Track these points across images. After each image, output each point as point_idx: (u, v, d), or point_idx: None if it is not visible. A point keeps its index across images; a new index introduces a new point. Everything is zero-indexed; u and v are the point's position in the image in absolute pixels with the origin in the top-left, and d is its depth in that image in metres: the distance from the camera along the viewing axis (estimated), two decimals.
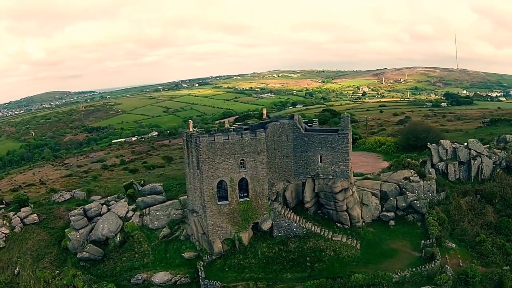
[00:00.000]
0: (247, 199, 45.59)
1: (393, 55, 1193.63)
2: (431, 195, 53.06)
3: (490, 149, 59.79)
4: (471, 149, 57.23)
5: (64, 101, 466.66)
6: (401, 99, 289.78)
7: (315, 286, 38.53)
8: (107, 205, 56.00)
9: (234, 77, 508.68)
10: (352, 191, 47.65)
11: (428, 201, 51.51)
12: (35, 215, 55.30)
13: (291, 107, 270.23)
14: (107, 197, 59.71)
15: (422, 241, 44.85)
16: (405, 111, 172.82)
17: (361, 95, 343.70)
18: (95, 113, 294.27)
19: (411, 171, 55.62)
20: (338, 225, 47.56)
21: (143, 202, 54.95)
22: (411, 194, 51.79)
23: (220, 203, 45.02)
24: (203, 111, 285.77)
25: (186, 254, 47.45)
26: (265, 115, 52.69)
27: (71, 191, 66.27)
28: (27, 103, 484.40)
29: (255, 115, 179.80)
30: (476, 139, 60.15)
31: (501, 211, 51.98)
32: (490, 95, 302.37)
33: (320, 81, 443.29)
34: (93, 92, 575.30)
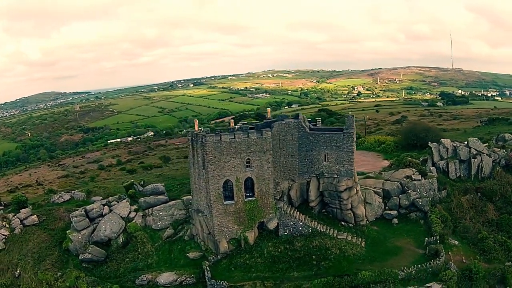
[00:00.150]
0: (253, 198, 45.74)
1: (389, 55, 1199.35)
2: (432, 193, 53.70)
3: (489, 147, 60.60)
4: (471, 147, 58.00)
5: (59, 101, 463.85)
6: (397, 99, 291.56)
7: (323, 284, 38.85)
8: (108, 206, 55.72)
9: (229, 77, 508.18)
10: (356, 190, 48.16)
11: (430, 199, 52.21)
12: (35, 216, 54.80)
13: (286, 107, 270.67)
14: (108, 198, 59.43)
15: (426, 239, 45.49)
16: (401, 110, 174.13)
17: (356, 95, 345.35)
18: (90, 113, 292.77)
19: (413, 169, 56.16)
20: (342, 223, 48.00)
21: (146, 202, 54.75)
22: (413, 192, 52.40)
23: (226, 203, 45.10)
24: (198, 111, 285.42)
25: (191, 254, 47.40)
26: (269, 115, 52.93)
27: (70, 192, 65.91)
28: (23, 104, 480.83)
29: (250, 115, 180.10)
30: (476, 138, 60.93)
31: (501, 208, 52.70)
32: (485, 94, 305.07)
33: (315, 81, 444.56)
34: (88, 92, 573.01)
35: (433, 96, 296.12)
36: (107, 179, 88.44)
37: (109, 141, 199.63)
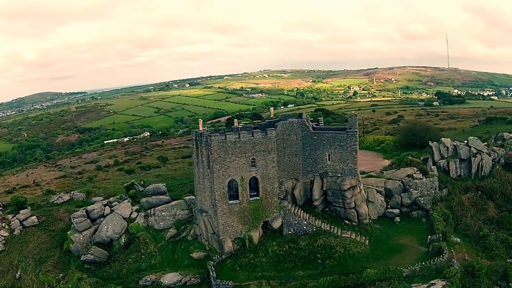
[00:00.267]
0: (258, 198, 45.84)
1: (385, 55, 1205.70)
2: (433, 192, 54.32)
3: (488, 146, 61.27)
4: (471, 146, 58.68)
5: (55, 102, 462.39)
6: (393, 99, 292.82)
7: (328, 282, 39.10)
8: (109, 206, 55.48)
9: (225, 77, 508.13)
10: (360, 189, 48.55)
11: (431, 197, 52.76)
12: (35, 217, 54.42)
13: (282, 107, 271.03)
14: (109, 198, 59.17)
15: (428, 236, 46.00)
16: (398, 110, 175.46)
17: (352, 94, 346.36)
18: (86, 114, 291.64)
19: (414, 168, 56.72)
20: (346, 222, 48.32)
21: (148, 202, 54.59)
22: (415, 191, 52.95)
23: (230, 202, 45.17)
24: (194, 112, 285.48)
25: (195, 254, 47.33)
26: (272, 114, 53.17)
27: (69, 192, 65.56)
28: (19, 104, 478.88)
29: (247, 115, 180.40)
30: (475, 137, 61.60)
31: (502, 206, 53.42)
32: (482, 94, 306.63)
33: (311, 80, 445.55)
34: (84, 92, 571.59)
35: (429, 95, 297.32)
36: (106, 180, 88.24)
37: (105, 142, 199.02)
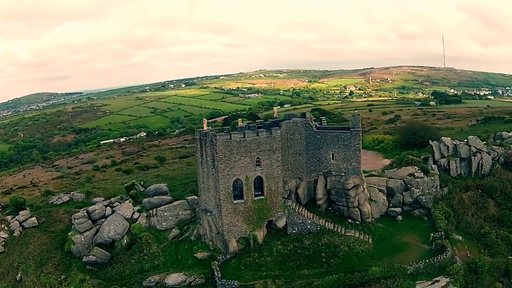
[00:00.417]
0: (262, 197, 46.01)
1: (380, 55, 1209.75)
2: (434, 190, 54.94)
3: (488, 145, 62.00)
4: (471, 145, 59.38)
5: (51, 102, 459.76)
6: (389, 98, 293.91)
7: (334, 281, 39.41)
8: (111, 207, 55.40)
9: (220, 77, 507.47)
10: (363, 188, 48.96)
11: (432, 196, 53.28)
12: (34, 218, 54.13)
13: (278, 107, 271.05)
14: (110, 199, 59.05)
15: (431, 234, 46.52)
16: (394, 110, 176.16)
17: (348, 94, 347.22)
18: (82, 114, 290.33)
19: (415, 167, 57.33)
20: (349, 221, 48.69)
21: (150, 203, 54.53)
22: (416, 190, 53.48)
23: (235, 202, 45.25)
24: (190, 112, 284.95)
25: (199, 254, 47.31)
26: (276, 114, 53.43)
27: (69, 193, 65.34)
28: (15, 105, 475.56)
29: (243, 115, 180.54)
30: (475, 136, 62.33)
31: (502, 204, 54.13)
32: (478, 93, 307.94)
33: (306, 80, 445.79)
34: (80, 93, 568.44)
35: (425, 95, 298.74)
36: (104, 180, 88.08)
37: (101, 142, 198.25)
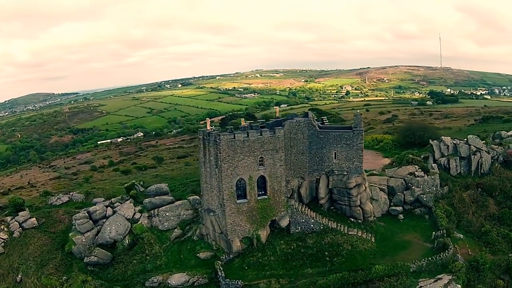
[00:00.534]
0: (265, 196, 46.14)
1: (377, 54, 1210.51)
2: (435, 189, 55.39)
3: (487, 145, 62.55)
4: (471, 145, 59.92)
5: (48, 102, 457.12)
6: (386, 98, 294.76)
7: (338, 279, 39.68)
8: (111, 207, 55.33)
9: (217, 77, 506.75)
10: (365, 187, 49.26)
11: (433, 195, 53.71)
12: (34, 219, 53.94)
13: (275, 107, 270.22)
14: (110, 199, 58.91)
15: (433, 233, 46.96)
16: (391, 109, 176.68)
17: (344, 94, 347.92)
18: (79, 114, 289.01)
19: (415, 166, 57.78)
20: (351, 220, 49.00)
21: (151, 203, 54.53)
22: (417, 188, 53.89)
23: (239, 202, 45.34)
24: (187, 112, 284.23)
25: (202, 254, 47.34)
26: (278, 113, 53.63)
27: (68, 193, 65.18)
28: (12, 105, 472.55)
29: (240, 115, 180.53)
30: (475, 135, 62.91)
31: (501, 203, 54.65)
32: (475, 93, 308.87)
33: (303, 80, 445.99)
34: (77, 93, 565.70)
35: (422, 95, 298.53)
36: (102, 180, 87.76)
37: (99, 142, 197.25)
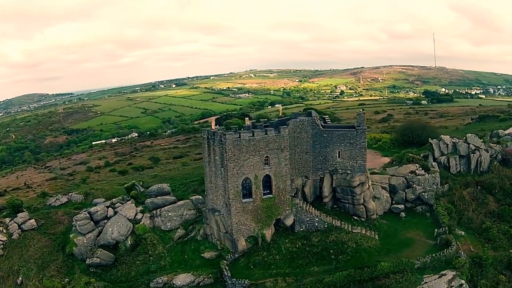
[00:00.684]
0: (270, 195, 46.35)
1: (371, 54, 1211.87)
2: (435, 187, 56.11)
3: (485, 143, 63.46)
4: (470, 143, 60.80)
5: (42, 103, 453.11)
6: (380, 98, 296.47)
7: (344, 276, 40.11)
8: (112, 208, 55.13)
9: (211, 77, 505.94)
10: (368, 185, 49.78)
11: (434, 193, 54.44)
12: (33, 220, 53.58)
13: (269, 107, 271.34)
14: (110, 200, 58.67)
15: (435, 230, 47.67)
16: (386, 109, 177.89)
17: (339, 94, 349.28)
18: (73, 115, 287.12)
19: (416, 165, 58.50)
20: (355, 218, 49.51)
21: (153, 203, 54.41)
22: (418, 187, 54.60)
23: (244, 201, 45.47)
24: (181, 112, 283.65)
25: (206, 254, 47.39)
26: (281, 113, 53.94)
27: (67, 194, 64.83)
28: (6, 106, 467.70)
29: (235, 115, 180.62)
30: (474, 134, 63.83)
31: (501, 200, 55.57)
32: (469, 92, 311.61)
33: (297, 80, 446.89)
34: (71, 94, 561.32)
35: (416, 94, 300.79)
36: (99, 181, 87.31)
37: (93, 143, 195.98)
